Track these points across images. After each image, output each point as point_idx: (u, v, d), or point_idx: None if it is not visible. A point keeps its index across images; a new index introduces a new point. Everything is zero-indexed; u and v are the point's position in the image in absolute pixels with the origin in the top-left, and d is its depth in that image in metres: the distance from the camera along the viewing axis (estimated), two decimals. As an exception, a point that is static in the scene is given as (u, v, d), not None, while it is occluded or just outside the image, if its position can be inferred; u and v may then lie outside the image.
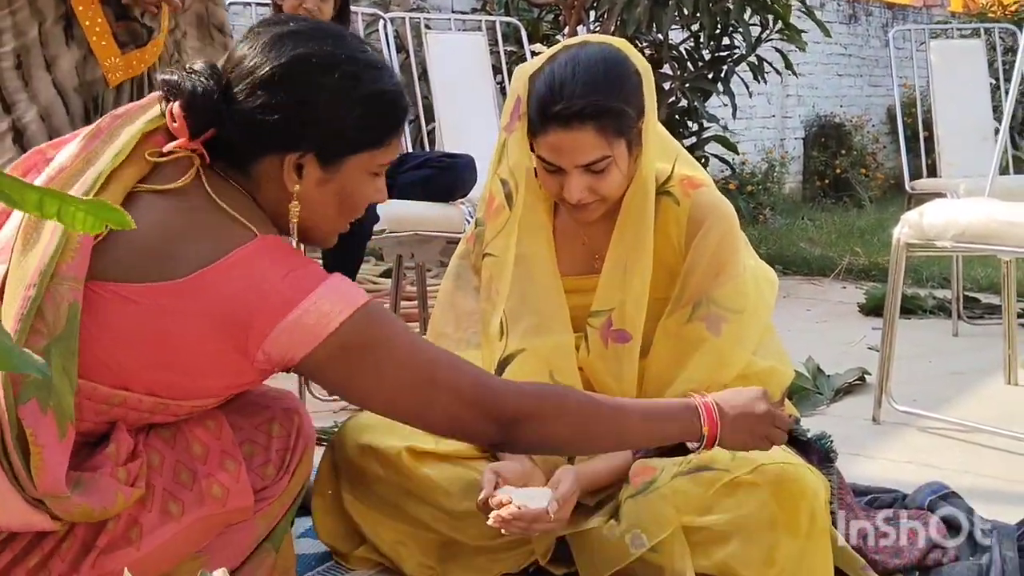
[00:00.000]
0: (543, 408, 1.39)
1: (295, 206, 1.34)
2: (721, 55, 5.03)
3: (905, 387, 2.86)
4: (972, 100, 4.15)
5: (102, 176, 1.29)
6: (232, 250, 1.27)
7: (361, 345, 1.30)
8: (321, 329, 1.26)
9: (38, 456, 1.19)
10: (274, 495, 1.44)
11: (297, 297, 1.26)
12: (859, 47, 8.83)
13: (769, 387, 1.78)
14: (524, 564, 1.78)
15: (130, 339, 1.25)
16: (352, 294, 1.30)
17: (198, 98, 1.31)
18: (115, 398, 1.28)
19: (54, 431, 1.20)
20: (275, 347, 1.27)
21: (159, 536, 1.31)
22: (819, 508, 1.58)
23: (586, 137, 1.62)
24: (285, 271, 1.27)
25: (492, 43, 3.67)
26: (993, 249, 2.57)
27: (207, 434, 1.38)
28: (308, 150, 1.32)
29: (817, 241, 5.61)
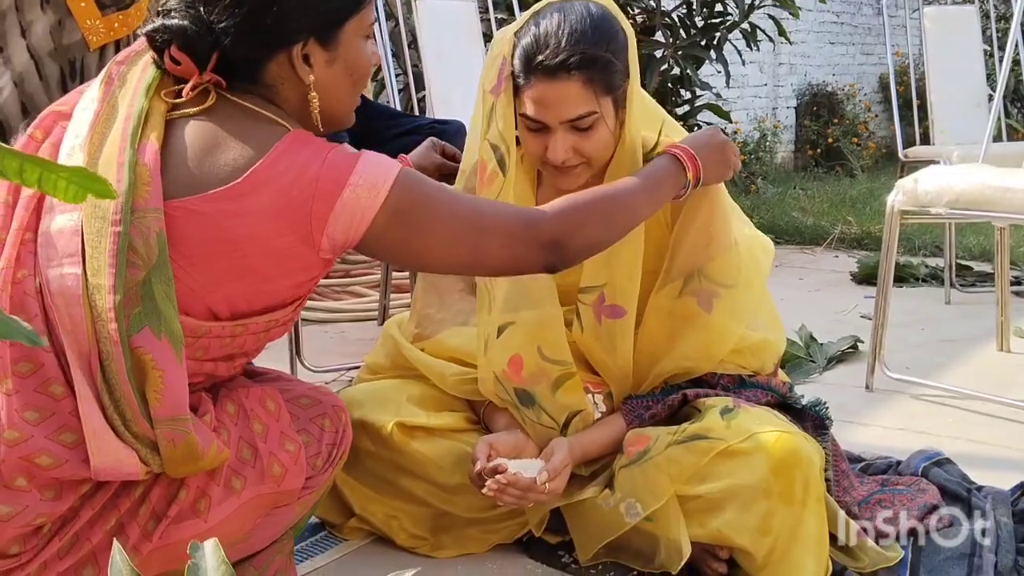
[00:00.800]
0: (577, 219, 1.46)
1: (314, 97, 1.38)
2: (714, 22, 4.99)
3: (898, 355, 2.87)
4: (965, 68, 4.13)
5: (142, 113, 1.34)
6: (272, 146, 1.31)
7: (411, 206, 1.35)
8: (374, 200, 1.32)
9: (159, 379, 1.26)
10: (317, 485, 1.49)
11: (344, 176, 1.31)
12: (851, 15, 8.78)
13: (763, 359, 1.78)
14: (518, 535, 1.78)
15: (205, 253, 1.30)
16: (388, 163, 1.36)
17: (190, 32, 1.34)
18: (200, 329, 1.33)
19: (172, 354, 1.27)
20: (337, 228, 1.32)
21: (223, 510, 1.36)
22: (814, 476, 1.58)
23: (572, 89, 1.58)
24: (323, 155, 1.32)
25: (483, 10, 3.63)
26: (987, 215, 2.56)
27: (267, 415, 1.43)
28: (307, 37, 1.36)
29: (809, 210, 5.61)
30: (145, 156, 1.30)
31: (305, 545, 1.79)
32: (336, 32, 1.37)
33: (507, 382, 1.73)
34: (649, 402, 1.74)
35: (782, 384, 1.80)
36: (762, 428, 1.59)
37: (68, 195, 0.70)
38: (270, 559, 1.47)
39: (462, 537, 1.78)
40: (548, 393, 1.72)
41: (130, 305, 1.26)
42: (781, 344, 1.84)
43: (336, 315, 3.48)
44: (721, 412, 1.64)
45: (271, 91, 1.38)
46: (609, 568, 1.69)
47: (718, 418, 1.63)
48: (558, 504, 1.70)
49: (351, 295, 3.70)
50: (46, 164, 0.70)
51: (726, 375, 1.76)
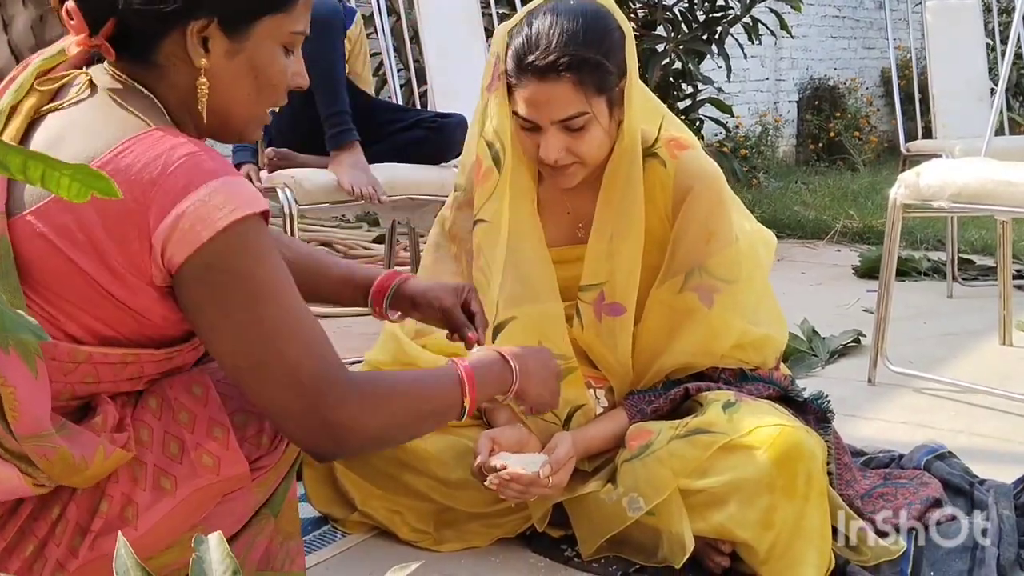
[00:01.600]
0: (367, 420, 1.26)
1: (203, 83, 1.24)
2: (715, 16, 4.99)
3: (900, 348, 2.87)
4: (967, 61, 4.12)
5: (2, 113, 1.23)
6: (124, 139, 1.17)
7: (226, 269, 1.17)
8: (199, 232, 1.14)
9: (11, 397, 1.15)
10: (269, 464, 1.40)
11: (183, 192, 1.14)
12: (853, 8, 8.77)
13: (764, 354, 1.78)
14: (520, 529, 1.78)
15: (58, 272, 1.18)
16: (248, 196, 1.17)
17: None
18: (79, 354, 1.21)
19: (23, 368, 1.15)
20: (160, 243, 1.15)
21: (155, 513, 1.28)
22: (816, 470, 1.58)
23: (562, 90, 1.57)
24: (181, 158, 1.16)
25: (484, 4, 3.63)
26: (990, 209, 2.56)
27: (193, 401, 1.33)
28: (210, 16, 1.23)
29: (811, 204, 5.61)
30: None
31: (309, 539, 1.79)
32: (245, 25, 1.24)
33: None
34: (651, 396, 1.75)
35: (783, 377, 1.81)
36: (764, 422, 1.59)
37: (71, 192, 0.70)
38: (249, 544, 1.39)
39: (464, 531, 1.78)
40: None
41: None
42: (783, 339, 1.84)
43: (338, 309, 3.48)
44: (723, 406, 1.64)
45: (159, 72, 1.25)
46: (612, 562, 1.70)
47: (720, 412, 1.63)
48: (561, 499, 1.71)
49: (353, 290, 3.69)
50: (49, 161, 0.70)
51: (727, 369, 1.76)
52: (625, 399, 1.76)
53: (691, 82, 5.05)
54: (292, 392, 1.20)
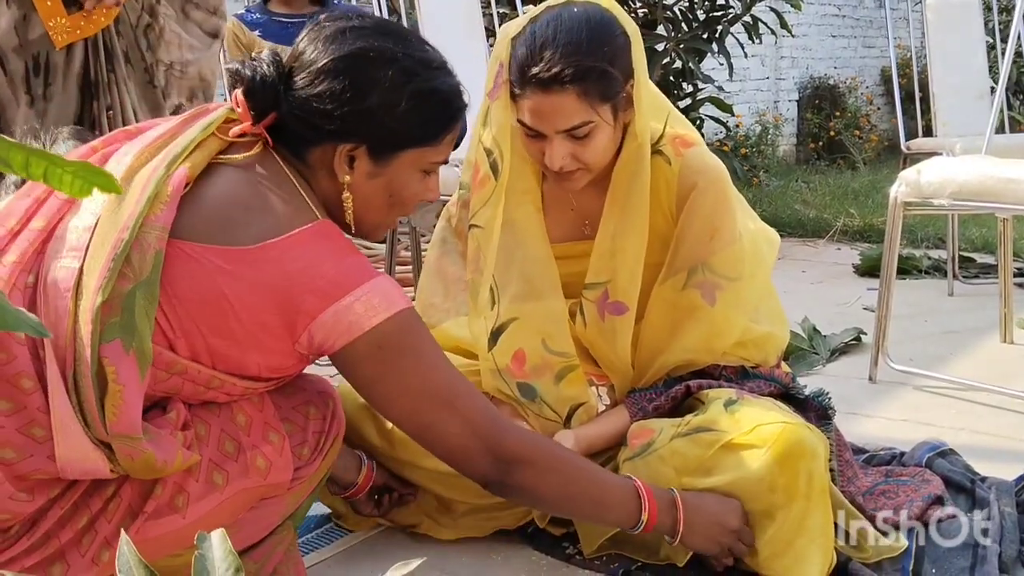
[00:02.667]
0: (542, 456, 1.45)
1: (348, 197, 1.39)
2: (716, 15, 4.99)
3: (901, 346, 2.87)
4: (968, 59, 4.12)
5: (193, 143, 1.35)
6: (295, 228, 1.32)
7: (397, 347, 1.34)
8: (366, 321, 1.31)
9: (118, 395, 1.23)
10: (306, 476, 1.46)
11: (350, 285, 1.30)
12: (853, 7, 8.77)
13: (766, 352, 1.78)
14: (521, 522, 1.79)
15: (191, 298, 1.29)
16: (398, 295, 1.35)
17: (257, 84, 1.37)
18: (176, 365, 1.31)
19: (135, 372, 1.25)
20: (320, 331, 1.31)
21: (204, 506, 1.33)
22: (818, 468, 1.57)
23: (566, 101, 1.56)
24: (341, 258, 1.32)
25: (484, 4, 3.63)
26: (991, 207, 2.56)
27: (251, 407, 1.41)
28: (360, 142, 1.37)
29: (811, 203, 5.61)
30: (173, 178, 1.31)
31: (311, 537, 1.80)
32: (390, 154, 1.39)
33: (509, 377, 1.73)
34: (652, 394, 1.75)
35: (785, 375, 1.81)
36: (766, 420, 1.59)
37: (73, 189, 0.71)
38: (270, 551, 1.45)
39: (467, 524, 1.79)
40: (551, 385, 1.73)
41: (109, 313, 1.24)
42: (785, 337, 1.84)
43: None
44: (725, 404, 1.64)
45: (310, 171, 1.40)
46: (613, 559, 1.70)
47: (722, 410, 1.63)
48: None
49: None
50: (51, 158, 0.70)
51: (729, 367, 1.76)
52: (627, 397, 1.77)
53: (691, 81, 5.05)
54: (468, 438, 1.39)
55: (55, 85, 2.07)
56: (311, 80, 1.36)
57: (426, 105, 1.39)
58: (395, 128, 1.37)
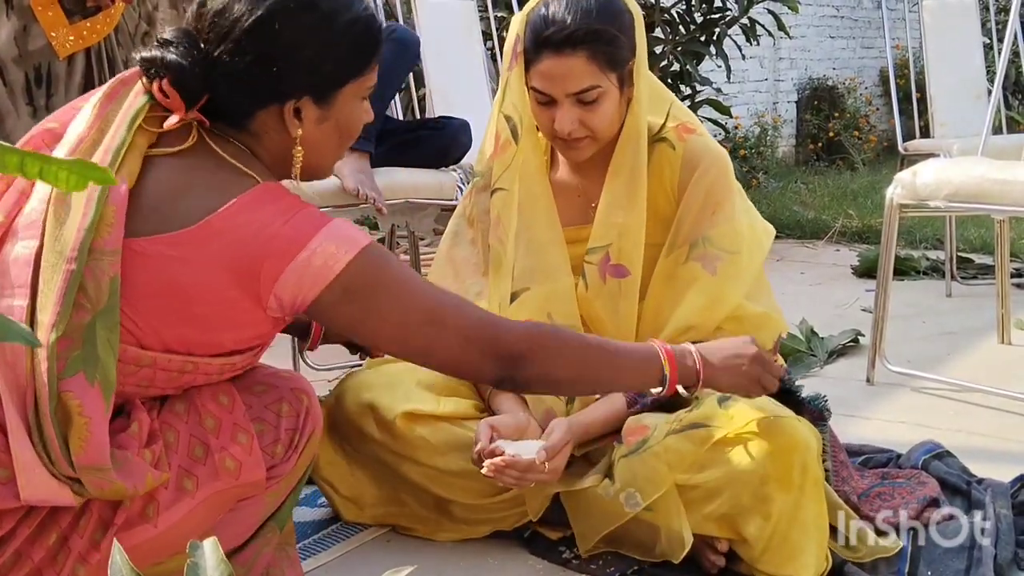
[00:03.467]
0: (545, 346, 1.41)
1: (299, 151, 1.38)
2: (713, 17, 5.00)
3: (899, 348, 2.87)
4: (965, 60, 4.12)
5: (124, 146, 1.32)
6: (235, 197, 1.29)
7: (366, 286, 1.32)
8: (328, 271, 1.29)
9: (84, 427, 1.22)
10: (282, 474, 1.45)
11: (303, 239, 1.28)
12: (851, 8, 8.77)
13: (762, 333, 1.79)
14: (517, 524, 1.79)
15: (148, 293, 1.28)
16: (355, 235, 1.32)
17: (186, 71, 1.33)
18: (144, 359, 1.30)
19: (101, 403, 1.24)
20: (285, 291, 1.29)
21: (175, 512, 1.32)
22: (811, 461, 1.59)
23: (577, 63, 1.66)
24: (288, 215, 1.30)
25: (482, 8, 3.64)
26: (986, 208, 2.56)
27: (219, 408, 1.39)
28: (303, 94, 1.36)
29: (810, 204, 5.61)
30: (114, 195, 1.27)
31: (308, 543, 1.80)
32: (335, 92, 1.38)
33: None
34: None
35: (779, 367, 1.81)
36: (758, 414, 1.60)
37: (69, 184, 0.71)
38: (256, 554, 1.44)
39: (462, 522, 1.80)
40: None
41: (69, 347, 1.22)
42: (782, 323, 1.85)
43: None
44: (719, 400, 1.65)
45: (254, 139, 1.38)
46: (610, 563, 1.70)
47: (715, 406, 1.64)
48: (558, 489, 1.71)
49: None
50: (45, 157, 0.71)
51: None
52: None
53: (690, 83, 5.05)
54: (467, 349, 1.37)
55: (57, 95, 2.08)
56: (237, 49, 1.32)
57: (353, 38, 1.38)
58: (332, 70, 1.37)
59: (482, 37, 3.59)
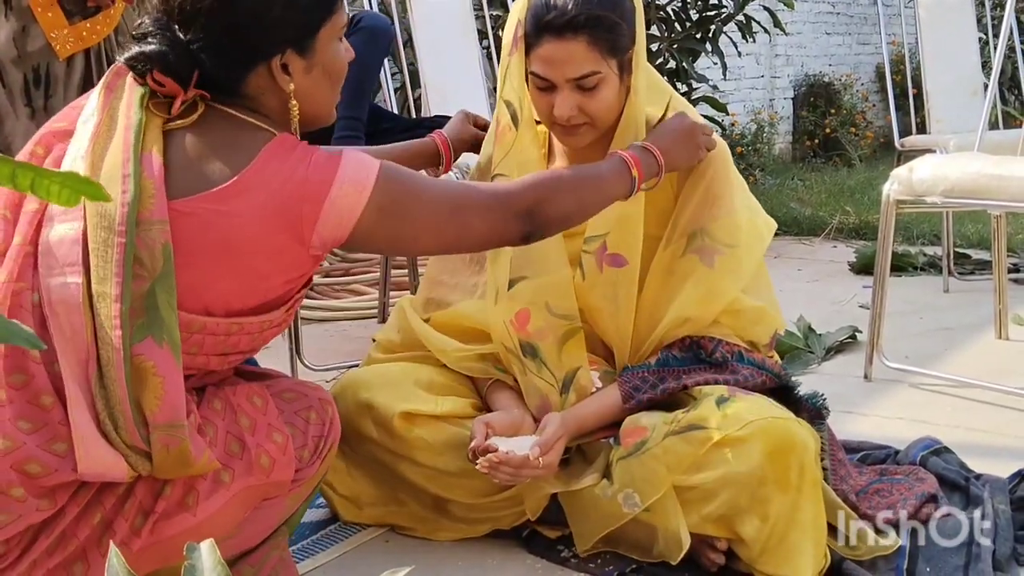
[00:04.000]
0: (546, 190, 1.54)
1: (294, 105, 1.43)
2: (709, 15, 4.99)
3: (896, 344, 2.87)
4: (961, 56, 4.12)
5: (141, 122, 1.37)
6: (259, 151, 1.36)
7: (395, 198, 1.41)
8: (360, 197, 1.38)
9: (159, 386, 1.29)
10: (305, 478, 1.50)
11: (329, 177, 1.36)
12: (847, 4, 8.77)
13: (759, 327, 1.80)
14: (516, 523, 1.79)
15: (195, 251, 1.33)
16: (368, 160, 1.41)
17: (169, 57, 1.37)
18: (195, 324, 1.35)
19: (172, 362, 1.30)
20: (326, 227, 1.37)
21: (213, 503, 1.37)
22: (809, 461, 1.59)
23: (578, 48, 1.66)
24: (308, 158, 1.38)
25: (477, 7, 3.64)
26: (982, 204, 2.56)
27: (254, 409, 1.44)
28: (284, 47, 1.40)
29: (807, 201, 5.61)
30: (149, 169, 1.33)
31: (306, 544, 1.80)
32: (312, 40, 1.42)
33: (513, 332, 1.77)
34: (645, 373, 1.75)
35: (776, 364, 1.82)
36: (756, 416, 1.60)
37: (61, 199, 0.71)
38: (266, 556, 1.48)
39: (460, 521, 1.80)
40: (553, 349, 1.76)
41: (135, 316, 1.29)
42: (779, 319, 1.85)
43: (336, 313, 3.48)
44: (717, 401, 1.65)
45: (254, 102, 1.43)
46: (609, 562, 1.70)
47: (713, 407, 1.64)
48: (556, 489, 1.71)
49: (351, 293, 3.70)
50: (38, 169, 0.71)
51: (724, 342, 1.76)
52: (620, 376, 1.77)
53: (686, 80, 5.05)
54: (493, 222, 1.49)
55: (56, 96, 2.07)
56: (207, 26, 1.36)
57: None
58: (303, 19, 1.40)
59: (478, 36, 3.59)
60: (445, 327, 1.88)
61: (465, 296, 1.90)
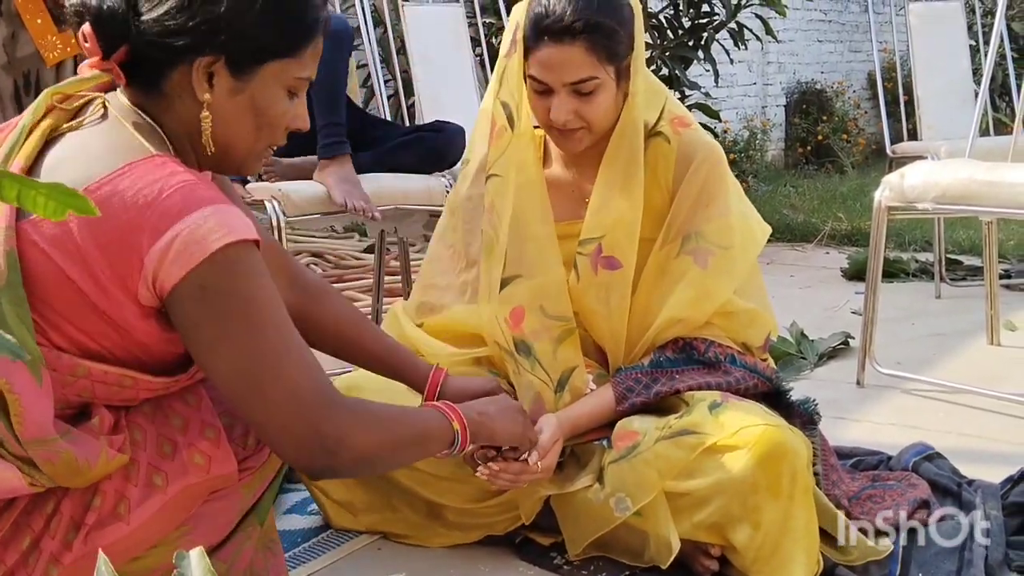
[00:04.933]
0: (363, 432, 1.30)
1: (206, 117, 1.28)
2: (701, 22, 5.01)
3: (889, 350, 2.88)
4: (952, 63, 4.14)
5: (24, 130, 1.29)
6: (124, 163, 1.21)
7: (224, 290, 1.20)
8: (197, 252, 1.18)
9: (17, 404, 1.20)
10: (255, 465, 1.44)
11: (180, 212, 1.18)
12: (839, 12, 8.80)
13: (751, 329, 1.80)
14: (509, 528, 1.79)
15: (46, 280, 1.21)
16: (240, 225, 1.21)
17: (104, 12, 1.27)
18: (79, 369, 1.26)
19: (28, 377, 1.20)
20: (149, 268, 1.19)
21: (147, 509, 1.31)
22: (801, 468, 1.59)
23: (576, 53, 1.66)
24: (173, 186, 1.20)
25: (470, 15, 3.64)
26: (973, 210, 2.57)
27: (186, 407, 1.38)
28: (217, 55, 1.27)
29: (800, 207, 5.62)
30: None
31: (298, 551, 1.80)
32: (250, 67, 1.29)
33: (507, 330, 1.77)
34: (639, 374, 1.75)
35: (768, 368, 1.82)
36: (748, 422, 1.60)
37: (48, 211, 0.71)
38: (237, 550, 1.43)
39: (453, 527, 1.80)
40: (548, 349, 1.76)
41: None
42: (772, 322, 1.85)
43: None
44: (709, 407, 1.65)
45: (167, 102, 1.30)
46: (601, 568, 1.70)
47: (706, 413, 1.64)
48: (551, 492, 1.71)
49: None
50: (24, 181, 0.71)
51: (717, 344, 1.76)
52: (613, 378, 1.78)
53: (678, 88, 5.06)
54: (291, 410, 1.24)
55: None
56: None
57: (281, 9, 1.29)
58: (252, 36, 1.27)
59: (471, 43, 3.59)
60: (439, 332, 1.88)
61: (458, 296, 1.89)
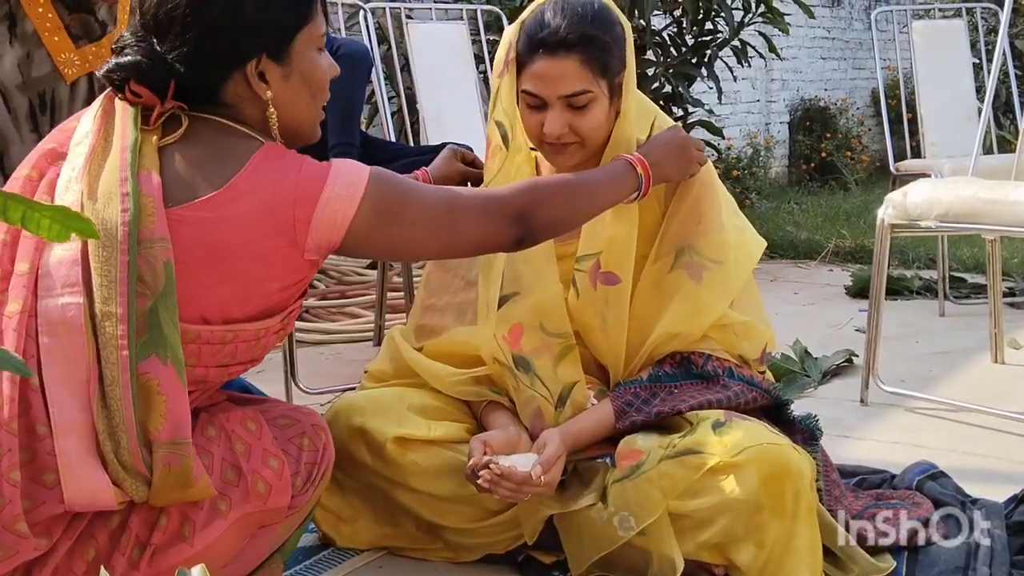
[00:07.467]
0: (539, 195, 1.56)
1: (272, 113, 1.42)
2: (704, 40, 5.02)
3: (892, 368, 2.87)
4: (955, 80, 4.15)
5: (137, 141, 1.38)
6: (248, 159, 1.37)
7: (388, 201, 1.42)
8: (351, 200, 1.38)
9: (163, 405, 1.29)
10: (299, 505, 1.49)
11: (320, 180, 1.38)
12: (842, 30, 8.83)
13: (747, 341, 1.80)
14: (510, 547, 1.78)
15: (191, 259, 1.33)
16: (359, 167, 1.42)
17: (144, 66, 1.38)
18: (189, 333, 1.35)
19: (176, 380, 1.30)
20: (320, 230, 1.38)
21: (211, 532, 1.36)
22: (804, 488, 1.59)
23: (570, 66, 1.67)
24: (298, 164, 1.39)
25: (474, 32, 3.66)
26: (977, 228, 2.57)
27: (248, 434, 1.44)
28: (259, 53, 1.40)
29: (803, 225, 5.62)
30: (148, 186, 1.34)
31: (299, 569, 1.79)
32: (287, 47, 1.41)
33: (506, 347, 1.77)
34: (637, 389, 1.75)
35: (767, 381, 1.82)
36: (752, 442, 1.60)
37: (52, 233, 0.72)
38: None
39: (454, 545, 1.79)
40: (549, 366, 1.76)
41: (139, 334, 1.29)
42: (768, 334, 1.85)
43: (331, 336, 3.48)
44: (713, 426, 1.65)
45: (233, 111, 1.43)
46: (604, 587, 1.69)
47: (710, 432, 1.64)
48: (554, 511, 1.71)
49: (346, 316, 3.70)
50: (28, 203, 0.71)
51: (714, 358, 1.76)
52: (613, 392, 1.78)
53: (682, 105, 5.07)
54: (487, 224, 1.50)
55: (61, 121, 2.09)
56: (182, 31, 1.37)
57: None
58: (278, 22, 1.40)
59: (475, 61, 3.61)
60: (439, 355, 1.88)
61: (457, 317, 1.89)
